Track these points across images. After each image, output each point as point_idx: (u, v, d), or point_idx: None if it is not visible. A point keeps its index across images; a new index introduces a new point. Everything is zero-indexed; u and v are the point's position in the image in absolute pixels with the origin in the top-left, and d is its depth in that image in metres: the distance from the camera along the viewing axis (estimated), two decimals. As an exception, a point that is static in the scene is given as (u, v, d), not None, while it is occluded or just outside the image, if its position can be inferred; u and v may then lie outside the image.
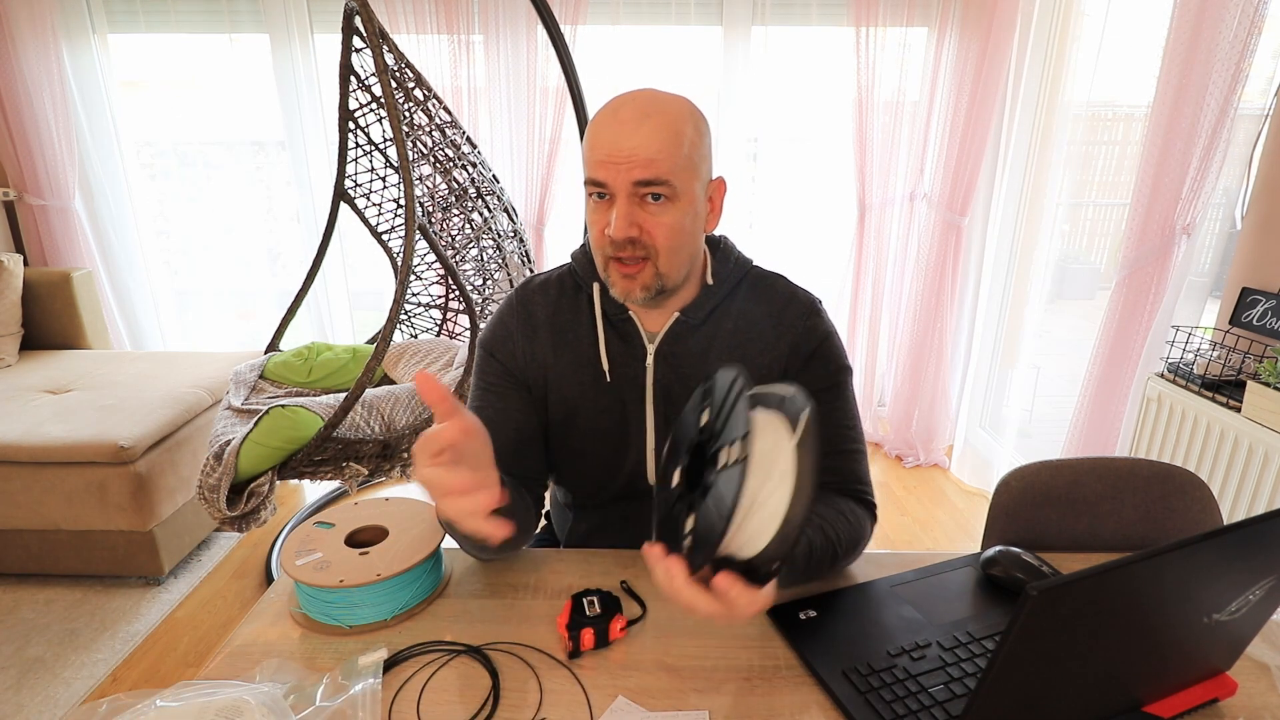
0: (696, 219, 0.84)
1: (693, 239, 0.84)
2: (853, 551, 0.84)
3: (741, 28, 2.57)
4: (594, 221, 0.83)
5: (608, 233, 0.80)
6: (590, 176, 0.80)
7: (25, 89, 2.50)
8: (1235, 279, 1.67)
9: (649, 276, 0.82)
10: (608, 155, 0.78)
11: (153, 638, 1.80)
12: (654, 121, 0.78)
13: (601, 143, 0.79)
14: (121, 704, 0.61)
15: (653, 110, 0.78)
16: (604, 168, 0.78)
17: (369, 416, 1.65)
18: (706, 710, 0.66)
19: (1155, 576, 0.52)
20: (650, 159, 0.77)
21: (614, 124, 0.79)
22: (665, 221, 0.80)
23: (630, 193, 0.78)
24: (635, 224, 0.79)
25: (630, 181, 0.77)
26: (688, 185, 0.81)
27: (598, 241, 0.83)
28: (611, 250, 0.81)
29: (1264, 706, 0.67)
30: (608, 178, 0.78)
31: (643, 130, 0.77)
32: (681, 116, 0.80)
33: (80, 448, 1.84)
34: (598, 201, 0.81)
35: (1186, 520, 0.97)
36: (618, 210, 0.79)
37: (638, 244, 0.80)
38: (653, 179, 0.77)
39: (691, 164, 0.80)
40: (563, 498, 1.05)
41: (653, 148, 0.77)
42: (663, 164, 0.77)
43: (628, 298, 0.84)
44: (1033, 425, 2.92)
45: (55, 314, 2.56)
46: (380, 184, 2.18)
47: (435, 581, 0.83)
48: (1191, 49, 1.56)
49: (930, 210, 2.64)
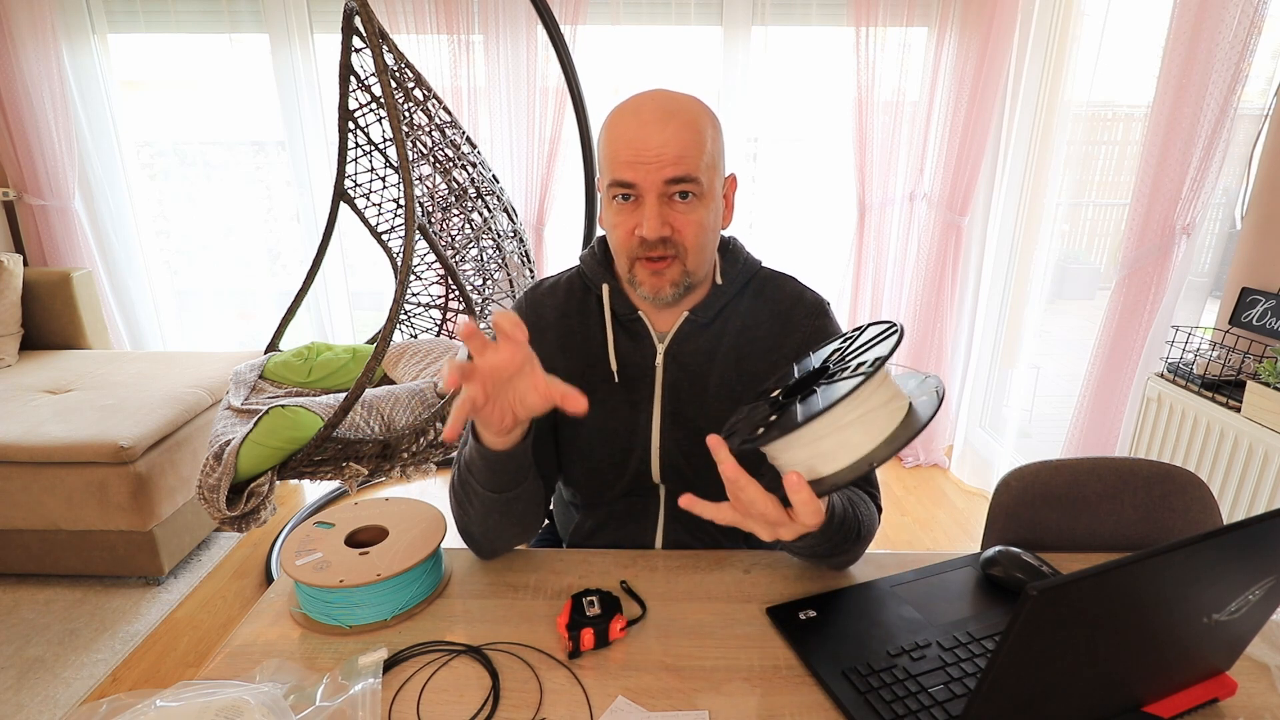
0: (718, 216, 0.85)
1: (716, 236, 0.86)
2: (865, 539, 0.84)
3: (741, 28, 2.57)
4: (619, 223, 0.82)
5: (639, 233, 0.80)
6: (617, 178, 0.80)
7: (25, 89, 2.50)
8: (1235, 279, 1.67)
9: (677, 273, 0.83)
10: (636, 155, 0.78)
11: (153, 638, 1.80)
12: (678, 120, 0.78)
13: (626, 143, 0.79)
14: (121, 704, 0.61)
15: (674, 108, 0.79)
16: (632, 168, 0.78)
17: (369, 416, 1.65)
18: (706, 710, 0.66)
19: (1155, 576, 0.52)
20: (679, 156, 0.77)
21: (637, 124, 0.79)
22: (694, 219, 0.81)
23: (661, 192, 0.79)
24: (667, 223, 0.79)
25: (661, 181, 0.78)
26: (712, 183, 0.82)
27: (624, 242, 0.83)
28: (642, 250, 0.81)
29: (1264, 706, 0.67)
30: (637, 178, 0.78)
31: (669, 129, 0.78)
32: (701, 114, 0.81)
33: (80, 448, 1.84)
34: (622, 204, 0.81)
35: (1186, 520, 0.97)
36: (648, 210, 0.79)
37: (669, 243, 0.81)
38: (683, 176, 0.78)
39: (714, 161, 0.81)
40: (568, 495, 1.05)
41: (680, 145, 0.77)
42: (690, 161, 0.78)
43: (657, 295, 0.84)
44: (1033, 425, 2.92)
45: (55, 314, 2.56)
46: (380, 184, 2.18)
47: (435, 581, 0.83)
48: (1191, 49, 1.56)
49: (930, 210, 2.64)
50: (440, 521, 0.85)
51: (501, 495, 0.80)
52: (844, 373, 0.61)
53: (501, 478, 0.78)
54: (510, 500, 0.81)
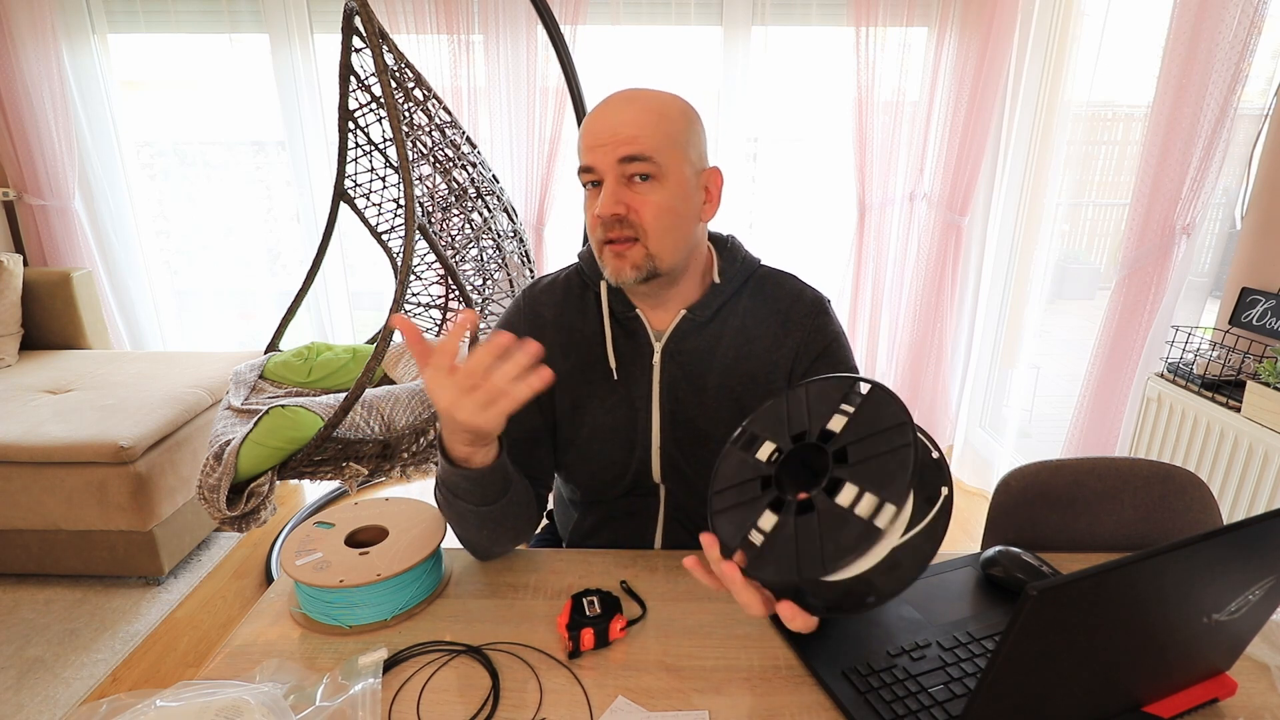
0: (687, 203, 0.84)
1: (685, 222, 0.85)
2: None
3: (741, 28, 2.57)
4: (588, 209, 0.84)
5: (596, 213, 0.81)
6: (581, 164, 0.83)
7: (25, 89, 2.50)
8: (1235, 279, 1.67)
9: (639, 256, 0.83)
10: (595, 139, 0.80)
11: (153, 638, 1.80)
12: (637, 104, 0.80)
13: (589, 130, 0.81)
14: (121, 704, 0.61)
15: (637, 96, 0.82)
16: (590, 152, 0.81)
17: (369, 416, 1.65)
18: (706, 710, 0.66)
19: (1155, 576, 0.52)
20: (632, 136, 0.79)
21: (600, 111, 0.82)
22: (653, 200, 0.81)
23: (617, 173, 0.80)
24: (622, 202, 0.80)
25: (615, 160, 0.79)
26: (674, 165, 0.81)
27: (591, 227, 0.84)
28: (602, 232, 0.82)
29: (1264, 706, 0.67)
30: (594, 160, 0.81)
31: (626, 112, 0.80)
32: (666, 102, 0.82)
33: (80, 448, 1.83)
34: (591, 190, 0.83)
35: (1186, 520, 0.97)
36: (604, 189, 0.81)
37: (626, 223, 0.81)
38: (635, 154, 0.79)
39: (676, 144, 0.81)
40: (568, 494, 1.05)
41: (634, 126, 0.79)
42: (645, 141, 0.79)
43: (619, 278, 0.84)
44: (1033, 425, 2.92)
45: (55, 314, 2.56)
46: (380, 184, 2.18)
47: (435, 581, 0.83)
48: (1191, 49, 1.55)
49: (930, 210, 2.64)
50: (440, 521, 0.85)
51: (491, 507, 0.80)
52: (846, 473, 0.56)
53: (488, 490, 0.78)
54: (504, 507, 0.81)
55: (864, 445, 0.57)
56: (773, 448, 0.63)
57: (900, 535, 0.54)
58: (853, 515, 0.55)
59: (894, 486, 0.53)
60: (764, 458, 0.63)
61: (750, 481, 0.63)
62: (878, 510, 0.53)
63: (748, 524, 0.60)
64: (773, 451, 0.63)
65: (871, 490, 0.55)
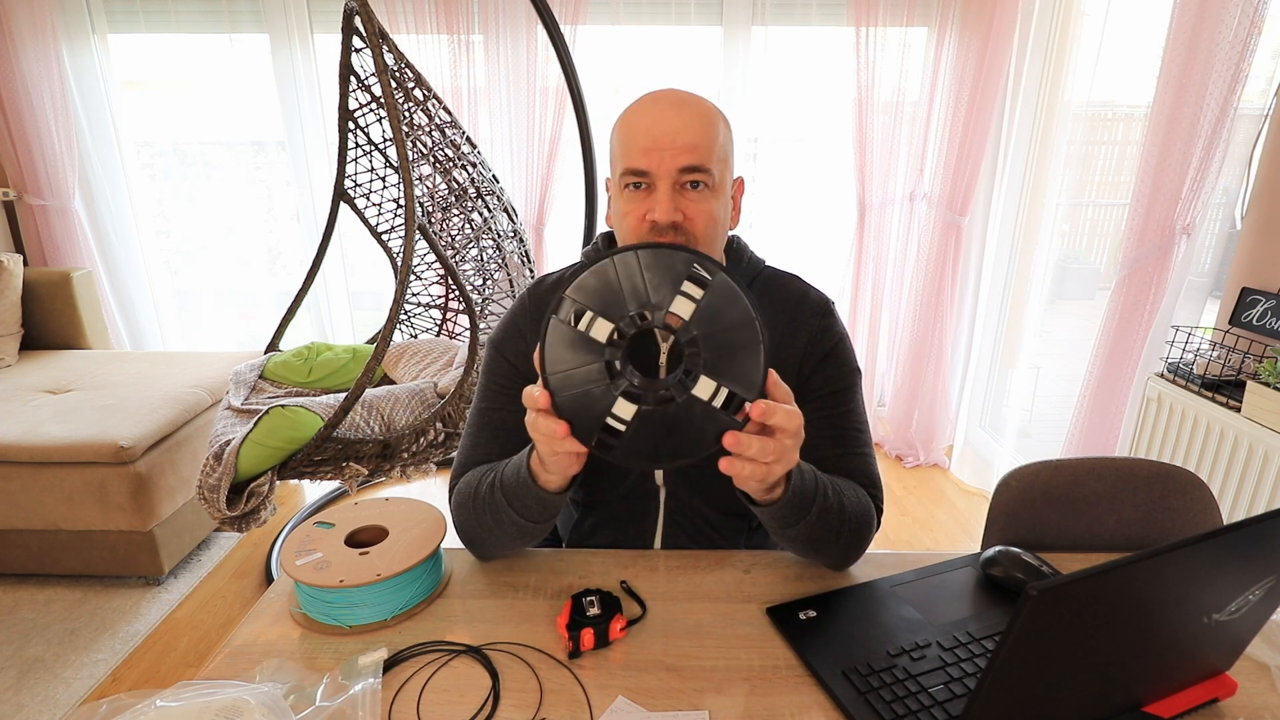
0: (727, 213, 0.86)
1: (724, 231, 0.86)
2: (857, 530, 0.82)
3: (741, 28, 2.57)
4: (629, 211, 0.83)
5: (651, 217, 0.80)
6: (631, 166, 0.81)
7: (25, 89, 2.50)
8: (1235, 279, 1.67)
9: None
10: (653, 141, 0.79)
11: (153, 638, 1.80)
12: (691, 110, 0.80)
13: (642, 130, 0.80)
14: (121, 704, 0.61)
15: (689, 100, 0.81)
16: (647, 155, 0.79)
17: (369, 416, 1.65)
18: (706, 710, 0.66)
19: (1155, 576, 0.52)
20: (693, 144, 0.79)
21: (653, 112, 0.80)
22: (705, 209, 0.81)
23: (674, 179, 0.80)
24: (679, 209, 0.80)
25: (675, 168, 0.79)
26: (722, 177, 0.83)
27: (635, 229, 0.83)
28: (652, 236, 0.82)
29: (1264, 706, 0.67)
30: (651, 165, 0.79)
31: (683, 116, 0.79)
32: (712, 110, 0.82)
33: (80, 448, 1.83)
34: (634, 191, 0.82)
35: (1186, 520, 0.97)
36: (661, 195, 0.80)
37: (679, 229, 0.81)
38: (696, 165, 0.79)
39: (725, 156, 0.82)
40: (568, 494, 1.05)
41: (694, 134, 0.79)
42: (704, 151, 0.79)
43: None
44: (1033, 425, 2.92)
45: (55, 314, 2.56)
46: (380, 184, 2.18)
47: (435, 581, 0.83)
48: (1191, 49, 1.56)
49: (930, 210, 2.64)
50: (440, 522, 0.85)
51: (539, 524, 0.80)
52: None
53: (548, 510, 0.79)
54: (544, 525, 0.81)
55: (715, 338, 0.60)
56: (610, 327, 0.60)
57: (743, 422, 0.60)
58: (712, 408, 0.60)
59: (750, 379, 0.59)
60: (602, 338, 0.60)
61: (591, 364, 0.60)
62: (729, 402, 0.59)
63: (601, 410, 0.61)
64: (611, 331, 0.60)
65: (729, 384, 0.59)
